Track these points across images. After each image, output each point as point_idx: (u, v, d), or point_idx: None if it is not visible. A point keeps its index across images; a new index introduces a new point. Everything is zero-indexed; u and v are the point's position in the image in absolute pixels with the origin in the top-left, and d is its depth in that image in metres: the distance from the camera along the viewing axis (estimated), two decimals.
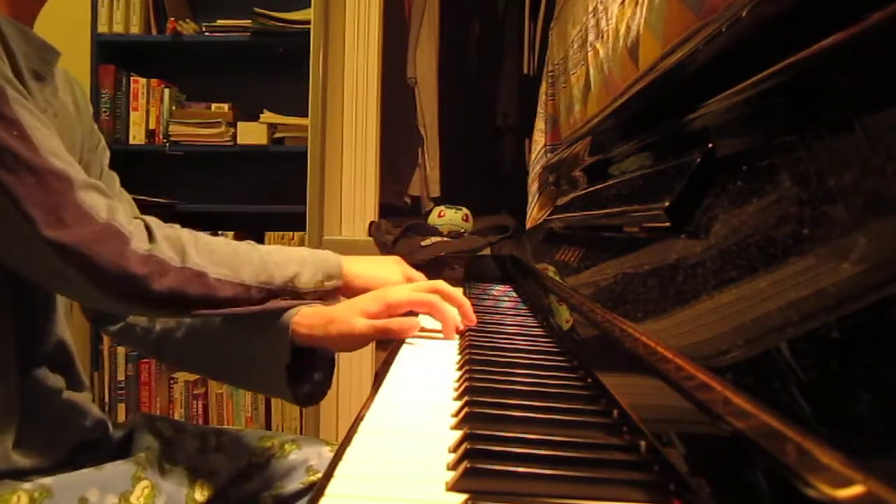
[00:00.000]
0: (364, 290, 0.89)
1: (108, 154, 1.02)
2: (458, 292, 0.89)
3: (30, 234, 0.68)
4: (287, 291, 0.83)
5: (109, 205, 0.73)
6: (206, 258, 0.77)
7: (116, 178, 1.02)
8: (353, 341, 0.81)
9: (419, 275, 1.00)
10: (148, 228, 0.75)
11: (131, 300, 0.74)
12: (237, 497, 0.89)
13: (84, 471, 0.83)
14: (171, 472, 0.89)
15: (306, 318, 0.81)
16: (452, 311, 0.86)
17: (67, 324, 0.90)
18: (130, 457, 0.91)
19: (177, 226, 0.80)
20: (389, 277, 0.94)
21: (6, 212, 0.68)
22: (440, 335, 0.86)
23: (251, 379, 0.90)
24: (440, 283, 0.88)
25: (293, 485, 0.92)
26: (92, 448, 0.90)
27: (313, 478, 0.93)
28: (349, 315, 0.80)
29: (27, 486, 0.76)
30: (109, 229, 0.71)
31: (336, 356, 0.90)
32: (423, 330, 0.87)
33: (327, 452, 0.96)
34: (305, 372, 0.86)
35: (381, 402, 0.60)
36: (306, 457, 0.95)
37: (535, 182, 1.94)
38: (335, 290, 0.89)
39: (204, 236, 0.81)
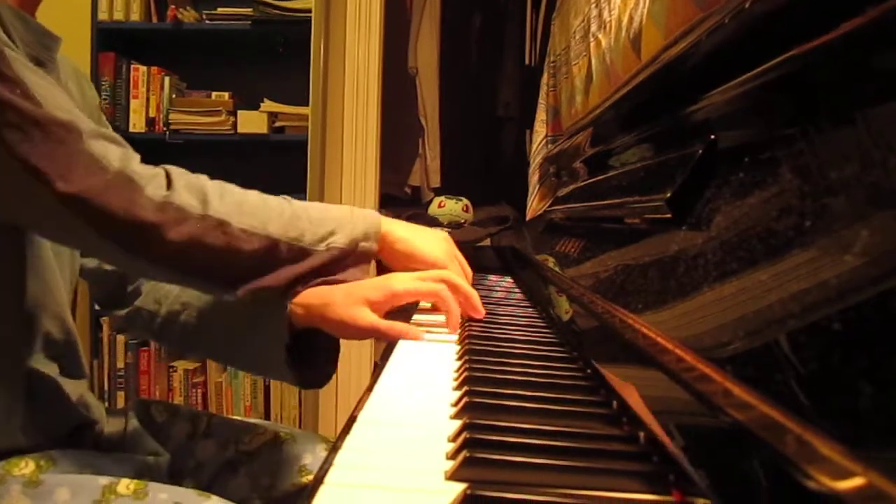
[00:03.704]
0: (405, 256, 0.86)
1: None
2: (465, 283, 0.87)
3: (39, 191, 0.66)
4: (321, 250, 0.78)
5: (123, 153, 0.70)
6: (231, 207, 0.74)
7: None
8: (352, 331, 0.78)
9: (462, 258, 0.93)
10: (168, 176, 0.72)
11: (145, 252, 0.71)
12: (223, 496, 0.84)
13: (89, 452, 0.83)
14: (159, 471, 0.89)
15: (304, 298, 0.78)
16: (457, 306, 0.83)
17: (69, 307, 0.89)
18: (125, 449, 0.91)
19: (204, 176, 0.76)
20: (435, 251, 0.88)
21: (13, 172, 0.66)
22: (442, 329, 0.85)
23: (253, 361, 0.89)
24: (448, 274, 0.85)
25: (283, 486, 0.89)
26: (85, 436, 0.90)
27: (305, 479, 0.89)
28: (351, 302, 0.77)
29: (34, 454, 0.77)
30: (121, 177, 0.68)
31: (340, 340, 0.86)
32: (423, 318, 0.86)
33: (322, 450, 0.93)
34: (308, 354, 0.83)
35: (380, 391, 0.60)
36: (299, 454, 0.92)
37: (535, 173, 1.94)
38: (369, 254, 0.83)
39: (233, 187, 0.77)
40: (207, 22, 2.55)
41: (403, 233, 0.86)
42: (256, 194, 0.79)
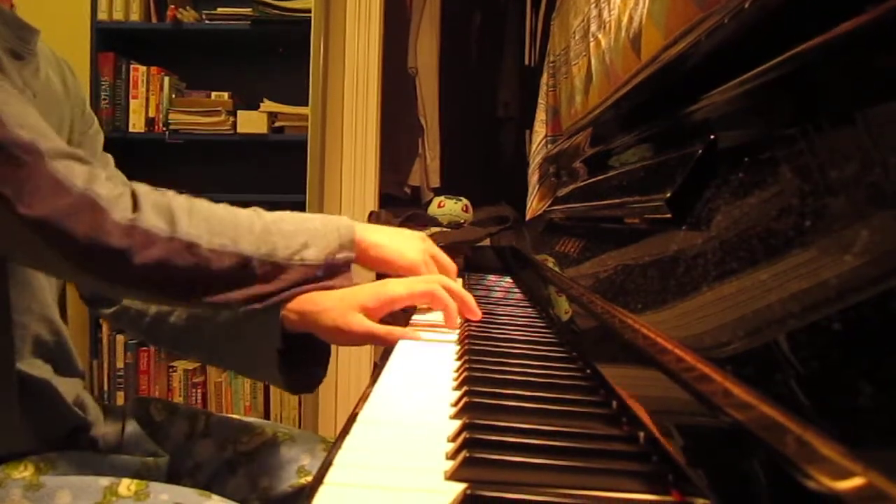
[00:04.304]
0: (379, 262, 0.85)
1: (101, 137, 1.00)
2: (459, 286, 0.87)
3: (2, 216, 0.64)
4: (293, 265, 0.76)
5: (89, 172, 0.68)
6: (200, 226, 0.71)
7: (111, 160, 1.01)
8: (347, 338, 0.77)
9: (443, 255, 0.93)
10: (134, 196, 0.69)
11: (112, 277, 0.69)
12: (221, 496, 0.84)
13: (87, 453, 0.83)
14: (158, 471, 0.89)
15: (298, 303, 0.77)
16: (454, 303, 0.83)
17: (56, 307, 0.89)
18: (123, 450, 0.91)
19: (171, 192, 0.74)
20: (408, 253, 0.87)
21: None
22: (440, 328, 0.85)
23: (243, 364, 0.88)
24: (440, 278, 0.85)
25: (282, 486, 0.88)
26: (82, 438, 0.90)
27: (304, 480, 0.88)
28: (345, 308, 0.77)
29: (33, 457, 0.77)
30: (85, 200, 0.66)
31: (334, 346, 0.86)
32: (423, 318, 0.85)
33: (321, 451, 0.92)
34: (299, 359, 0.83)
35: (379, 391, 0.60)
36: (298, 455, 0.91)
37: (535, 173, 1.94)
38: (347, 263, 0.81)
39: (202, 202, 0.75)
40: (207, 22, 2.55)
41: (377, 238, 0.85)
42: (226, 209, 0.76)
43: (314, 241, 0.78)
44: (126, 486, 0.75)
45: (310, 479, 0.88)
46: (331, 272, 0.80)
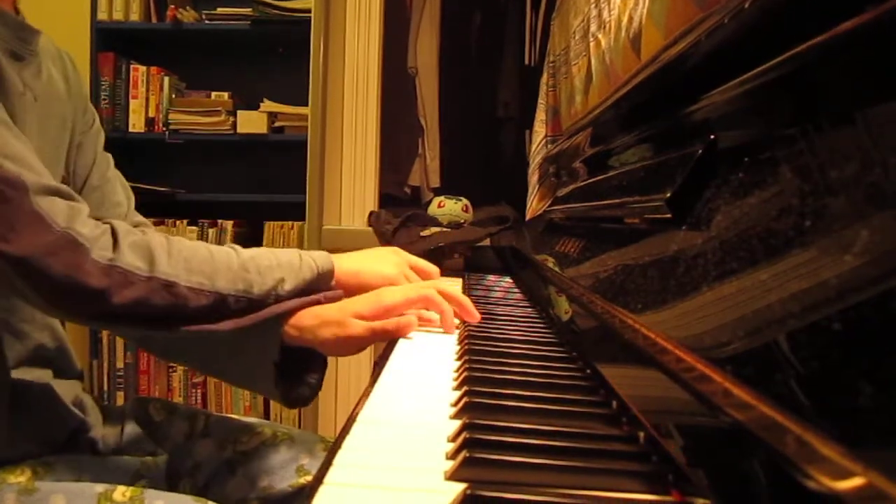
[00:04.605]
0: (357, 287, 0.86)
1: (102, 136, 1.00)
2: (457, 290, 0.87)
3: None
4: (269, 300, 0.78)
5: (71, 209, 0.69)
6: (179, 265, 0.72)
7: (111, 160, 1.01)
8: (348, 345, 0.78)
9: (422, 262, 0.95)
10: (114, 235, 0.70)
11: (90, 314, 0.70)
12: (221, 496, 0.84)
13: (85, 456, 0.83)
14: (157, 470, 0.88)
15: (297, 318, 0.78)
16: (450, 307, 0.84)
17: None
18: (123, 451, 0.91)
19: (150, 230, 0.74)
20: (384, 271, 0.90)
21: None
22: (439, 329, 0.85)
23: (239, 375, 0.88)
24: (437, 283, 0.86)
25: (281, 485, 0.88)
26: (82, 440, 0.90)
27: (303, 480, 0.88)
28: (343, 318, 0.78)
29: (31, 461, 0.77)
30: (66, 239, 0.66)
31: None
32: (421, 322, 0.85)
33: (320, 451, 0.92)
34: (296, 372, 0.83)
35: (379, 391, 0.60)
36: (297, 455, 0.91)
37: (535, 173, 1.94)
38: (335, 295, 0.83)
39: (179, 241, 0.76)
40: (207, 22, 2.55)
41: (352, 265, 0.88)
42: (205, 247, 0.77)
43: (290, 276, 0.79)
44: (121, 492, 0.74)
45: (309, 478, 0.88)
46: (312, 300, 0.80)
